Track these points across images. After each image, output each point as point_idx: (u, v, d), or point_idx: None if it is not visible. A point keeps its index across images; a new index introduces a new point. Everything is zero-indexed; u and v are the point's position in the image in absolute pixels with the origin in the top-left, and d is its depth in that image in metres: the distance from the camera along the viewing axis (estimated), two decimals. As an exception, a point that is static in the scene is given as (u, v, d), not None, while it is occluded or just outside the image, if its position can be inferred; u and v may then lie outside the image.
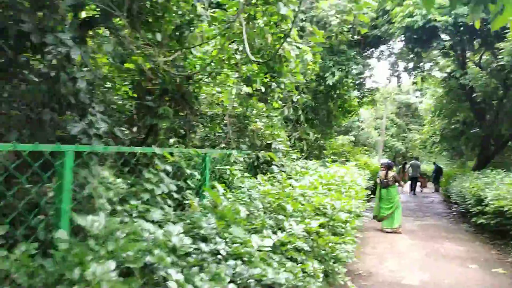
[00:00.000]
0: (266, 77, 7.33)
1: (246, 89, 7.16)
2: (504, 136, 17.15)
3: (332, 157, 9.86)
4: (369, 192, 9.87)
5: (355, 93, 17.32)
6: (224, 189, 4.21)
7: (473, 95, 15.62)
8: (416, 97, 33.14)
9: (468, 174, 11.78)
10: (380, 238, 8.73)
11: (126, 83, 5.55)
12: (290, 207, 3.83)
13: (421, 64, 16.95)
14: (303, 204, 4.37)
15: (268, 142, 7.11)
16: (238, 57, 6.53)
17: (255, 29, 6.15)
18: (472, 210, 9.12)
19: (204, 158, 4.57)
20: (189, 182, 4.22)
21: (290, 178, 5.39)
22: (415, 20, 10.54)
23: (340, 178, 6.85)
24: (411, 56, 13.24)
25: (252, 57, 5.33)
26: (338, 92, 15.16)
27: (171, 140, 5.10)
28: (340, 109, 17.59)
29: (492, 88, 17.16)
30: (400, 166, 23.04)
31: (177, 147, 4.43)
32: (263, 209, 4.13)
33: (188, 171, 4.17)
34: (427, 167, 27.81)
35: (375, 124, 31.90)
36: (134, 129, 5.58)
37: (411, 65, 17.56)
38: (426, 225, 10.66)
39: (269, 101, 7.67)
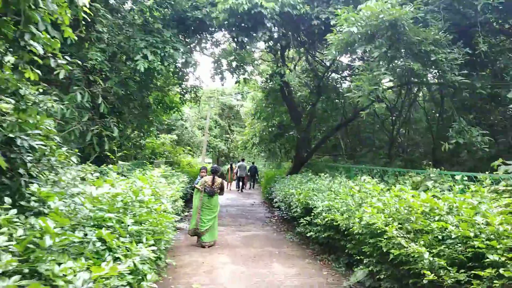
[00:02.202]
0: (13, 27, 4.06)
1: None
2: (316, 139, 17.36)
3: (122, 162, 6.67)
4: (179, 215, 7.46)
5: (177, 89, 14.85)
6: None
7: (291, 99, 15.07)
8: (238, 100, 32.92)
9: (292, 178, 10.58)
10: (197, 267, 6.33)
11: None
12: None
13: (244, 63, 15.57)
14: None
15: (11, 135, 3.86)
16: None
17: None
18: (300, 220, 7.63)
19: None
20: None
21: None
22: (240, 2, 8.64)
23: (134, 194, 4.11)
24: (236, 47, 11.45)
25: None
26: (155, 82, 12.41)
27: None
28: (160, 104, 14.88)
29: (307, 94, 17.20)
30: (228, 167, 23.12)
31: None
32: None
33: None
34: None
35: (199, 124, 30.17)
36: None
37: (234, 64, 16.07)
38: (250, 237, 8.86)
39: (19, 67, 4.38)
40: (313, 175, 9.92)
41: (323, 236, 6.70)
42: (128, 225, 3.20)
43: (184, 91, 14.61)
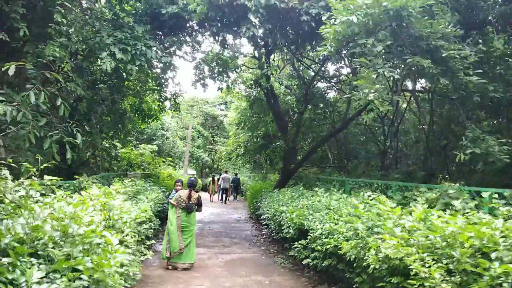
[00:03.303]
0: None
1: None
2: (303, 150, 16.27)
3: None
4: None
5: (156, 96, 13.48)
6: None
7: (277, 107, 13.94)
8: (221, 110, 31.63)
9: (281, 193, 9.33)
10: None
11: None
12: None
13: (227, 69, 14.28)
14: None
15: None
16: None
17: None
18: (293, 244, 6.41)
19: None
20: None
21: None
22: (220, -8, 7.51)
23: (63, 227, 2.84)
24: (218, 51, 10.27)
25: None
26: (131, 86, 11.12)
27: None
28: (137, 112, 13.53)
29: (293, 102, 16.13)
30: (210, 179, 22.17)
31: None
32: None
33: None
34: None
35: (181, 133, 28.69)
36: None
37: (216, 69, 14.82)
38: (235, 262, 7.56)
39: None
40: (304, 189, 8.74)
41: (322, 264, 5.50)
42: (32, 284, 1.94)
43: (164, 98, 13.29)
